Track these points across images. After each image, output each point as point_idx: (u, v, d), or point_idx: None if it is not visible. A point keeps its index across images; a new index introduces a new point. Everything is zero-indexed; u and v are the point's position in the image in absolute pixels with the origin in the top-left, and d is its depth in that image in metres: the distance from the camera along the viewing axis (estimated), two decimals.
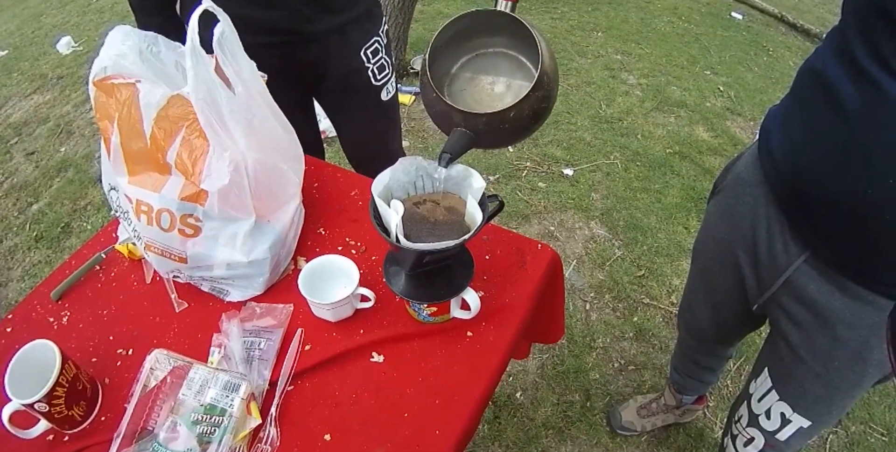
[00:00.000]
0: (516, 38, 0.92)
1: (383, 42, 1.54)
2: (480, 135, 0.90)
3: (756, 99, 3.44)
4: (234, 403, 0.90)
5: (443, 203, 0.93)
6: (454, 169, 0.90)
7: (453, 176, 0.90)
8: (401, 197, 0.91)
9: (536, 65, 0.86)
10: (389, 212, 0.83)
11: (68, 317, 1.11)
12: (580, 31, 3.97)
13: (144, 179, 1.00)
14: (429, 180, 0.92)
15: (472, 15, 0.89)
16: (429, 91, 0.91)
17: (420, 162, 0.90)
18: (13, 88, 3.66)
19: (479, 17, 0.89)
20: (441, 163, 0.89)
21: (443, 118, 0.93)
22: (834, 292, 0.97)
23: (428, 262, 0.92)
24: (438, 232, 0.90)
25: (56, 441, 0.95)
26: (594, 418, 1.96)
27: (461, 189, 0.92)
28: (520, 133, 0.93)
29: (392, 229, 0.82)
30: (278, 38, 1.38)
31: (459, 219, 0.91)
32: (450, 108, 0.89)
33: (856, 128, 0.80)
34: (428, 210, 0.92)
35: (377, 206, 0.85)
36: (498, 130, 0.89)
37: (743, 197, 1.10)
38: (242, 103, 0.98)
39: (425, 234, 0.90)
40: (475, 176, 0.89)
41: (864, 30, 0.79)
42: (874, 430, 1.95)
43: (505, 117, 0.87)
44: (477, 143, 0.91)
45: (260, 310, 1.08)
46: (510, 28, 0.90)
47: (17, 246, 2.60)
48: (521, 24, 0.86)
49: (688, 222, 2.61)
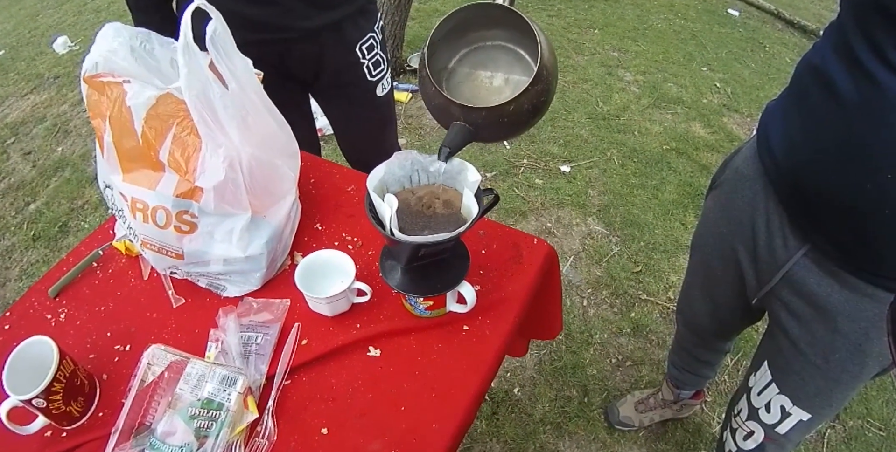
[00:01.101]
0: (515, 31, 0.92)
1: (378, 38, 1.54)
2: (480, 129, 0.90)
3: (753, 95, 3.45)
4: (232, 397, 0.90)
5: (440, 196, 0.93)
6: (450, 162, 0.91)
7: (449, 169, 0.91)
8: (396, 191, 0.91)
9: (535, 58, 0.86)
10: (383, 206, 0.83)
11: (66, 314, 1.11)
12: (577, 29, 3.97)
13: (139, 177, 1.00)
14: (424, 174, 0.92)
15: (470, 8, 0.89)
16: (427, 85, 0.91)
17: (415, 155, 0.90)
18: (10, 88, 3.65)
19: (478, 10, 0.89)
20: (440, 158, 0.89)
21: (442, 112, 0.93)
22: (833, 285, 0.98)
23: (424, 256, 0.92)
24: (434, 225, 0.90)
25: (54, 436, 0.95)
26: (592, 413, 1.97)
27: (456, 182, 0.92)
28: (519, 127, 0.93)
29: (386, 223, 0.82)
30: (273, 35, 1.38)
31: (455, 213, 0.91)
32: (448, 102, 0.89)
33: (854, 123, 0.80)
34: (424, 203, 0.92)
35: (372, 200, 0.85)
36: (497, 124, 0.89)
37: (742, 191, 1.10)
38: (236, 99, 0.97)
39: (420, 228, 0.90)
40: (470, 169, 0.89)
41: (861, 24, 0.80)
42: (871, 425, 1.96)
43: (504, 111, 0.86)
44: (476, 137, 0.91)
45: (257, 305, 1.08)
46: (508, 21, 0.89)
47: (15, 246, 2.60)
48: (519, 17, 0.86)
49: (685, 218, 2.62)
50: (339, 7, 1.41)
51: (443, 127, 0.93)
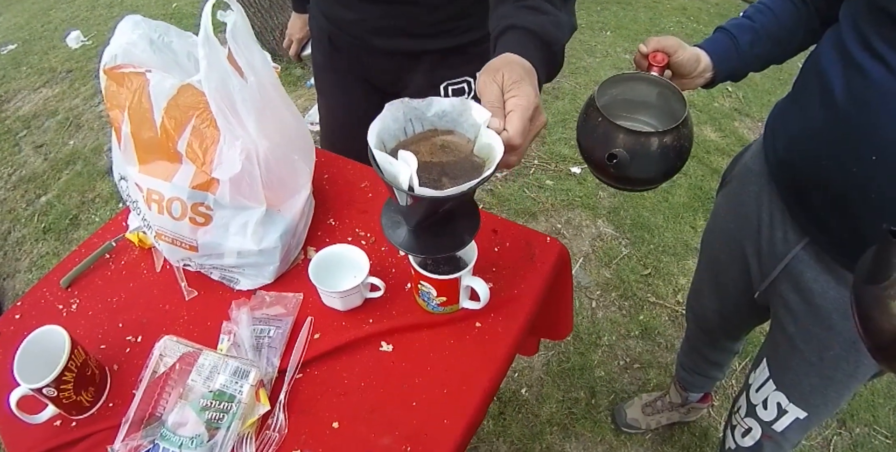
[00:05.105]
0: (663, 91, 1.06)
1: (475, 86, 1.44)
2: (633, 157, 0.96)
3: (764, 99, 3.43)
4: (244, 389, 0.90)
5: (442, 143, 0.82)
6: (448, 102, 0.79)
7: (448, 111, 0.80)
8: (393, 146, 0.80)
9: (683, 108, 0.98)
10: (398, 165, 0.71)
11: (77, 304, 1.11)
12: (589, 31, 3.96)
13: (155, 168, 1.00)
14: (418, 122, 0.82)
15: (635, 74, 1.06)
16: (594, 116, 1.00)
17: (408, 103, 0.79)
18: (22, 82, 3.67)
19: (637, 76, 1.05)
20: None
21: (599, 142, 1.00)
22: (829, 281, 1.00)
23: (442, 211, 0.84)
24: (450, 172, 0.79)
25: (63, 426, 0.95)
26: (599, 415, 1.96)
27: (458, 125, 0.82)
28: (664, 163, 1.00)
29: (405, 182, 0.71)
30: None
31: (466, 156, 0.80)
32: (614, 128, 0.97)
33: (842, 109, 0.84)
34: (427, 151, 0.81)
35: (377, 160, 0.73)
36: (647, 155, 0.97)
37: (749, 185, 1.13)
38: (254, 92, 0.98)
39: (436, 178, 0.78)
40: (474, 107, 0.77)
41: (851, 16, 0.85)
42: (878, 432, 1.95)
43: (661, 140, 0.96)
44: (628, 168, 0.98)
45: (270, 299, 1.08)
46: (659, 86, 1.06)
47: (25, 238, 2.61)
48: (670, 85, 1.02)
49: (695, 221, 2.61)
50: (436, 37, 1.32)
51: (591, 163, 1.04)
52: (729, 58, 1.05)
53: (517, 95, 0.74)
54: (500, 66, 0.78)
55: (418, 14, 1.26)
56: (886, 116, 0.79)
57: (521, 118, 0.73)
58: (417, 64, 1.37)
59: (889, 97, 0.78)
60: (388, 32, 1.32)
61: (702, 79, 1.06)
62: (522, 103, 0.74)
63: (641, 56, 1.03)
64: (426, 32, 1.30)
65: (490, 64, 0.81)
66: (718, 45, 1.05)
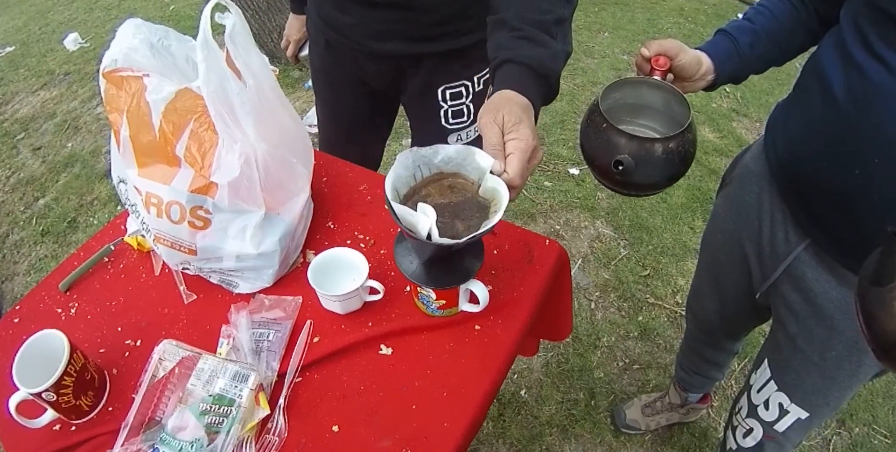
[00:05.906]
0: (668, 97, 1.07)
1: (474, 89, 1.41)
2: (639, 164, 0.96)
3: (762, 100, 3.43)
4: (243, 393, 0.90)
5: (448, 184, 0.89)
6: (454, 149, 0.85)
7: (453, 157, 0.86)
8: (405, 193, 0.88)
9: (686, 113, 0.99)
10: (417, 216, 0.77)
11: (76, 308, 1.11)
12: (587, 32, 3.96)
13: (154, 172, 1.00)
14: (426, 168, 0.88)
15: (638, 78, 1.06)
16: (598, 121, 1.00)
17: (416, 152, 0.85)
18: (20, 84, 3.67)
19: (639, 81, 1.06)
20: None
21: (603, 149, 1.00)
22: (831, 281, 1.00)
23: (454, 251, 0.90)
24: (460, 213, 0.86)
25: (63, 430, 0.95)
26: (598, 416, 1.96)
27: (463, 168, 0.87)
28: (669, 168, 1.00)
29: (424, 232, 0.78)
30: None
31: (472, 197, 0.87)
32: (618, 134, 0.98)
33: (843, 111, 0.84)
34: (438, 192, 0.88)
35: (397, 213, 0.79)
36: (652, 161, 0.97)
37: (750, 186, 1.13)
38: (253, 95, 0.98)
39: (449, 220, 0.85)
40: (478, 153, 0.83)
41: (852, 17, 0.85)
42: (877, 432, 1.95)
43: (665, 145, 0.97)
44: (634, 174, 0.98)
45: (269, 302, 1.08)
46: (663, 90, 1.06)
47: (24, 241, 2.61)
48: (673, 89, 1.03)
49: (693, 222, 2.61)
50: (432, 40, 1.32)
51: (595, 169, 1.04)
52: (730, 60, 1.05)
53: (517, 138, 0.80)
54: (500, 106, 0.83)
55: (415, 18, 1.26)
56: (887, 117, 0.79)
57: (521, 160, 0.79)
58: (415, 68, 1.37)
59: (890, 98, 0.78)
60: (384, 37, 1.32)
61: (703, 81, 1.06)
62: (521, 146, 0.80)
63: (643, 59, 1.03)
64: (423, 36, 1.30)
65: (490, 102, 0.86)
66: (719, 47, 1.06)
